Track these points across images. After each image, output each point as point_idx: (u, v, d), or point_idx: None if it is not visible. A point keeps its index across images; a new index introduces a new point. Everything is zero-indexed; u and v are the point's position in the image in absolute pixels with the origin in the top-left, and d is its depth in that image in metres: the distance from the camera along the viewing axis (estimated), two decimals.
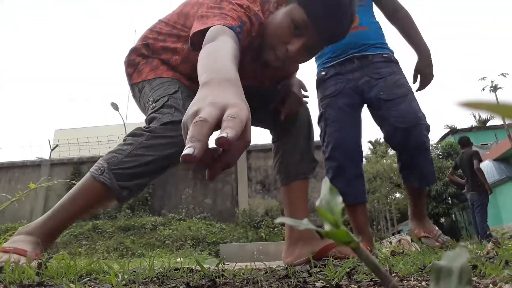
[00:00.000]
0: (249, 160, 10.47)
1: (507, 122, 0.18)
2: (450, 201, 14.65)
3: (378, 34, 1.81)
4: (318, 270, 0.79)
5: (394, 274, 0.69)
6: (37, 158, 12.00)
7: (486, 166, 12.84)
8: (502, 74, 15.34)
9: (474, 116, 22.06)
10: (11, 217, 10.00)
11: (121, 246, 8.55)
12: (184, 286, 0.66)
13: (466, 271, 0.25)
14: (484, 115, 19.97)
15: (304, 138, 1.44)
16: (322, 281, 0.64)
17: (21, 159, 11.38)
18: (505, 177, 13.51)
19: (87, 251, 8.23)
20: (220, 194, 10.19)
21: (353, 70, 1.77)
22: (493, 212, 11.18)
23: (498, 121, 18.52)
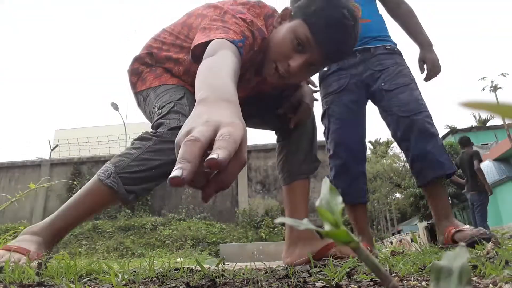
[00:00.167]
0: (249, 160, 10.46)
1: (507, 122, 0.18)
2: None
3: (381, 27, 1.78)
4: (318, 270, 0.79)
5: (394, 274, 0.69)
6: (37, 158, 12.00)
7: (486, 166, 12.83)
8: (502, 74, 15.37)
9: (474, 116, 22.10)
10: (11, 217, 10.00)
11: (121, 246, 8.56)
12: (184, 286, 0.66)
13: (466, 271, 0.25)
14: (484, 115, 19.99)
15: (307, 138, 1.45)
16: (322, 281, 0.64)
17: (21, 159, 11.39)
18: (505, 177, 13.51)
19: (87, 251, 8.24)
20: (220, 194, 10.18)
21: (355, 64, 1.72)
22: (493, 212, 11.17)
23: (498, 121, 18.52)
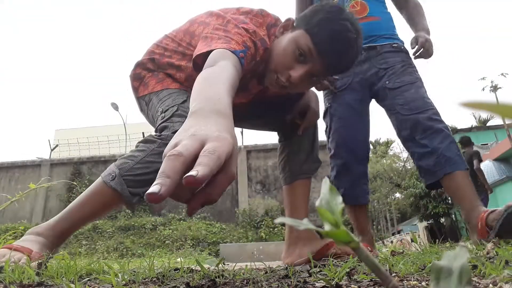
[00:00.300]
0: (249, 160, 10.47)
1: (507, 122, 0.18)
2: (450, 201, 14.63)
3: (389, 25, 1.72)
4: (318, 270, 0.79)
5: (394, 274, 0.69)
6: (37, 158, 12.00)
7: (486, 166, 12.83)
8: (502, 74, 15.35)
9: (474, 116, 22.09)
10: (11, 217, 10.01)
11: (121, 246, 8.56)
12: (184, 286, 0.66)
13: (466, 271, 0.25)
14: (484, 115, 19.98)
15: (309, 138, 1.46)
16: (322, 281, 0.64)
17: (21, 159, 11.39)
18: (505, 177, 13.51)
19: (87, 251, 8.24)
20: None
21: (360, 62, 1.67)
22: None
23: (498, 121, 18.53)
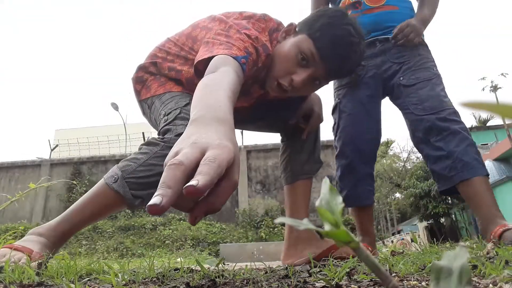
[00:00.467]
0: (249, 160, 10.47)
1: (507, 122, 0.18)
2: (450, 201, 14.64)
3: (407, 16, 1.58)
4: (318, 270, 0.79)
5: (394, 274, 0.69)
6: (37, 158, 12.00)
7: (486, 166, 12.78)
8: (502, 74, 15.35)
9: (474, 116, 22.08)
10: (11, 217, 10.01)
11: (121, 246, 8.56)
12: (184, 286, 0.66)
13: (466, 271, 0.25)
14: (484, 115, 19.97)
15: (311, 139, 1.45)
16: (322, 281, 0.64)
17: (21, 159, 11.39)
18: (505, 177, 13.49)
19: (87, 251, 8.24)
20: None
21: (374, 55, 1.58)
22: None
23: (498, 121, 18.53)
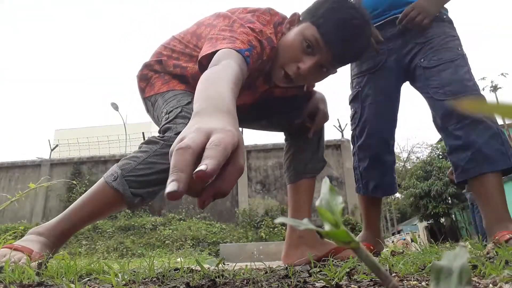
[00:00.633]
0: (249, 160, 10.46)
1: (507, 122, 0.18)
2: (450, 201, 14.64)
3: None
4: (318, 270, 0.79)
5: (394, 274, 0.69)
6: (37, 158, 11.99)
7: None
8: (502, 74, 15.34)
9: None
10: (11, 217, 10.00)
11: (121, 246, 8.56)
12: (184, 286, 0.66)
13: (466, 271, 0.25)
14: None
15: (315, 138, 1.44)
16: (322, 281, 0.64)
17: (21, 159, 11.38)
18: (505, 177, 13.49)
19: (87, 251, 8.24)
20: None
21: (394, 36, 1.48)
22: None
23: (498, 121, 18.48)
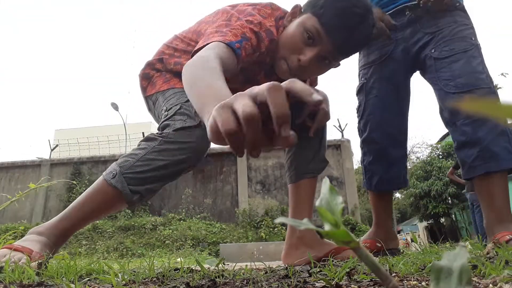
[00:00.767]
0: (249, 160, 10.46)
1: (507, 122, 0.18)
2: (450, 201, 14.64)
3: None
4: (318, 270, 0.79)
5: (394, 274, 0.69)
6: (37, 158, 11.99)
7: None
8: (502, 74, 15.32)
9: None
10: (11, 217, 10.00)
11: (121, 246, 8.55)
12: (184, 286, 0.66)
13: (466, 271, 0.25)
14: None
15: (317, 137, 1.43)
16: (322, 281, 0.64)
17: (21, 159, 11.39)
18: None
19: (87, 251, 8.24)
20: (220, 194, 10.19)
21: (403, 26, 1.44)
22: None
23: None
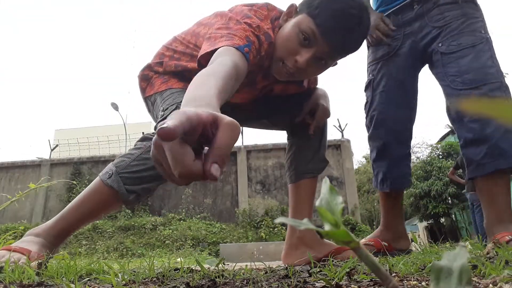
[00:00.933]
0: (249, 160, 10.46)
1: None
2: (450, 201, 14.63)
3: None
4: (318, 270, 0.79)
5: (394, 274, 0.69)
6: (37, 158, 11.99)
7: None
8: None
9: None
10: (11, 217, 10.01)
11: (121, 246, 8.56)
12: (184, 286, 0.66)
13: (466, 271, 0.25)
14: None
15: (317, 137, 1.43)
16: (322, 281, 0.64)
17: (21, 159, 11.38)
18: None
19: (87, 251, 8.24)
20: (220, 194, 10.20)
21: (411, 20, 1.41)
22: None
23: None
